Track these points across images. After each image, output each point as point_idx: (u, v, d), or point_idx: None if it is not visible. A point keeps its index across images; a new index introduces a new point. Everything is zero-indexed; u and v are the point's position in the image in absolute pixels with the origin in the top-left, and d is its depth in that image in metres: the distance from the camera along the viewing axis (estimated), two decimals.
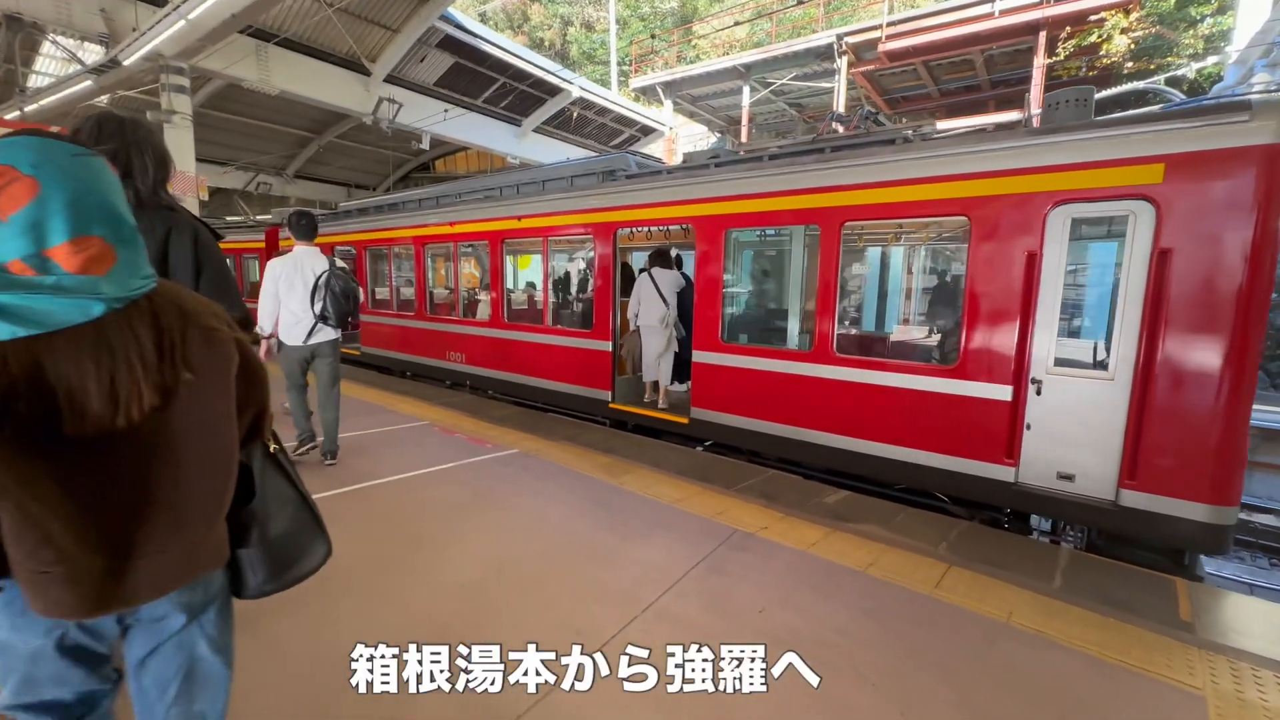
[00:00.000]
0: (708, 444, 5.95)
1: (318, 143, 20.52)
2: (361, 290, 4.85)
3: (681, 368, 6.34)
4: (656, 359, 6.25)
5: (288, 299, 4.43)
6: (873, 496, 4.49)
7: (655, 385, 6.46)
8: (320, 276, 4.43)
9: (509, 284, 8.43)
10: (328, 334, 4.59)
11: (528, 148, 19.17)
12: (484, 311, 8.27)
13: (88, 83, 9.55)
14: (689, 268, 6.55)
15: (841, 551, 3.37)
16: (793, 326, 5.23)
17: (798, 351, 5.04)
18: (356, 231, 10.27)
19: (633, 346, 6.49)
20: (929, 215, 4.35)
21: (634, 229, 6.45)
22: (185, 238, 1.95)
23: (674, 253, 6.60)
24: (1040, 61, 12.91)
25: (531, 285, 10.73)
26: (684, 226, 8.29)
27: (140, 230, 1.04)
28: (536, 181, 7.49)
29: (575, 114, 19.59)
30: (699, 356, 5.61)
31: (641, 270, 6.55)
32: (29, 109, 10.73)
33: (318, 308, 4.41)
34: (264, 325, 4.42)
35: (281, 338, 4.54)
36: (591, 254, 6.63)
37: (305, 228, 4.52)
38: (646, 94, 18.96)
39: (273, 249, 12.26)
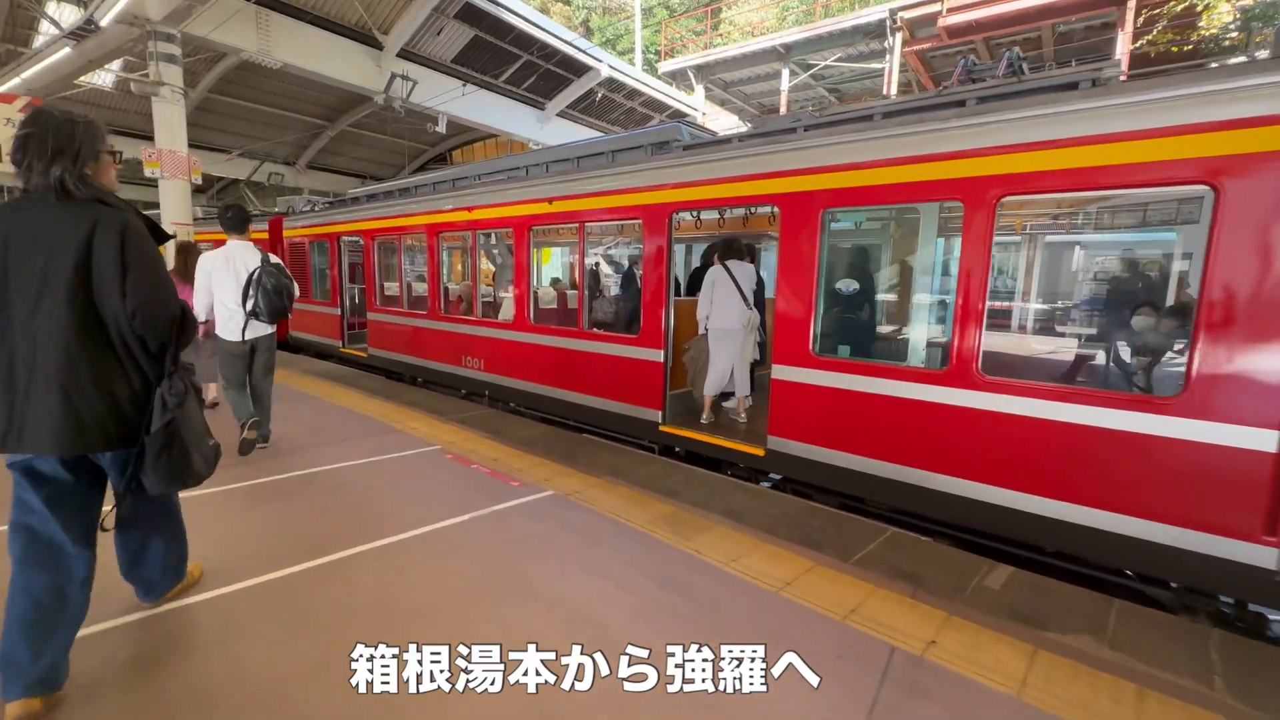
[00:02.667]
0: (777, 478, 4.76)
1: (330, 131, 19.68)
2: (297, 286, 4.56)
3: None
4: (725, 369, 5.06)
5: (220, 294, 4.34)
6: (1035, 571, 3.27)
7: (712, 402, 5.27)
8: (253, 273, 4.29)
9: (536, 279, 7.29)
10: (263, 329, 4.53)
11: (551, 133, 17.98)
12: (507, 311, 7.12)
13: (66, 50, 8.57)
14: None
15: (1074, 699, 2.15)
16: (917, 336, 3.98)
17: (925, 370, 3.80)
18: (364, 220, 9.23)
19: (698, 354, 5.27)
20: (1139, 184, 3.08)
21: (691, 212, 5.25)
22: (111, 234, 1.79)
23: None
24: (1128, 31, 11.48)
25: (562, 281, 9.60)
26: (746, 212, 7.13)
27: (63, 224, 1.14)
28: (571, 159, 6.32)
29: (600, 96, 18.39)
30: (780, 372, 4.39)
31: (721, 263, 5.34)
32: (11, 83, 9.81)
33: (249, 305, 4.27)
34: (199, 314, 4.41)
35: (219, 333, 4.49)
36: (639, 243, 5.46)
37: (234, 221, 4.42)
38: (676, 79, 17.72)
39: (277, 239, 11.80)
